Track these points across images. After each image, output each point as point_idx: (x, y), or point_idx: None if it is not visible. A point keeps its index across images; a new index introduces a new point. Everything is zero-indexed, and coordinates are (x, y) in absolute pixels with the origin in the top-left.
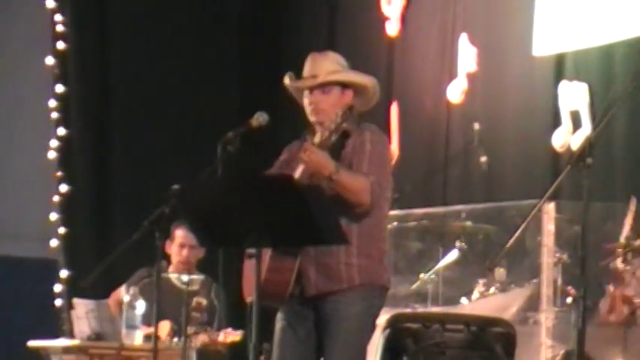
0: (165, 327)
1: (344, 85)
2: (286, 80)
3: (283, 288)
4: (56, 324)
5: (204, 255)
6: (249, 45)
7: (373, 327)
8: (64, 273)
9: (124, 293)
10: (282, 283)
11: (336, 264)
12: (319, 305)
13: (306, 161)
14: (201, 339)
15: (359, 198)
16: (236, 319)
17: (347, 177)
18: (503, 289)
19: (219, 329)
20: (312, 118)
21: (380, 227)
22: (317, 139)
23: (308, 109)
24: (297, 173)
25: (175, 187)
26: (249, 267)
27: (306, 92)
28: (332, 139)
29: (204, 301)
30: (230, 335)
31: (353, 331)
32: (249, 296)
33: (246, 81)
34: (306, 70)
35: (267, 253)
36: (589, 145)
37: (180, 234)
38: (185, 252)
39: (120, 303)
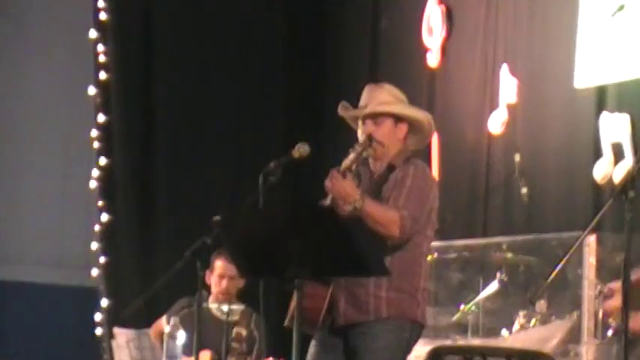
0: (205, 357)
1: (397, 119)
2: (340, 109)
3: (316, 314)
4: (97, 353)
5: (244, 285)
6: (294, 75)
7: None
8: (104, 302)
9: (164, 323)
10: (316, 309)
11: (365, 295)
12: (348, 335)
13: (330, 189)
14: None
15: (387, 230)
16: (277, 350)
17: (373, 207)
18: (544, 320)
19: (258, 359)
20: (364, 154)
21: (416, 263)
22: (343, 164)
23: (360, 139)
24: (327, 200)
25: (217, 217)
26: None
27: (360, 123)
28: (357, 163)
29: (244, 332)
30: None
31: None
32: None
33: (290, 111)
34: (362, 100)
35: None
36: (631, 178)
37: (219, 264)
38: (225, 283)
39: (161, 333)
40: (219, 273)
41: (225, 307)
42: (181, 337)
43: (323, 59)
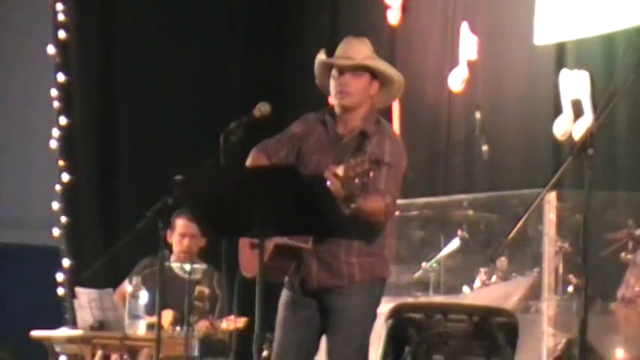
0: (167, 316)
1: (373, 75)
2: (321, 56)
3: (284, 271)
4: (59, 313)
5: (205, 244)
6: (253, 34)
7: (374, 316)
8: (66, 262)
9: (127, 284)
10: (283, 267)
11: (337, 262)
12: (321, 297)
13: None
14: (204, 327)
15: (375, 219)
16: (239, 308)
17: (363, 205)
18: (505, 277)
19: (221, 317)
20: (335, 100)
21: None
22: (340, 171)
23: (334, 90)
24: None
25: (178, 177)
26: (244, 244)
27: (335, 73)
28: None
29: (206, 290)
30: (233, 322)
31: (355, 320)
32: (247, 272)
33: (250, 70)
34: (340, 51)
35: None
36: (591, 136)
37: (180, 223)
38: (186, 241)
39: (124, 294)
40: (181, 232)
41: (187, 266)
42: (144, 296)
43: (284, 18)
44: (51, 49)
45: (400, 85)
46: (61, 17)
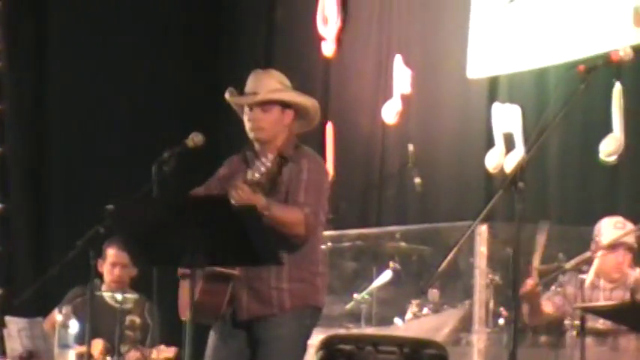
0: (98, 345)
1: (285, 105)
2: (227, 95)
3: (216, 310)
4: None
5: (137, 274)
6: (188, 65)
7: (304, 347)
8: None
9: (57, 313)
10: (216, 305)
11: (267, 289)
12: (251, 327)
13: (237, 199)
14: (134, 357)
15: (293, 231)
16: (170, 338)
17: (279, 212)
18: (437, 309)
19: (152, 347)
20: (250, 135)
21: (314, 251)
22: (249, 175)
23: (247, 125)
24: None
25: (110, 206)
26: (184, 287)
27: (246, 109)
28: (266, 178)
29: (137, 320)
30: (163, 352)
31: (284, 352)
32: (184, 315)
33: (184, 100)
34: (248, 86)
35: (200, 277)
36: (521, 169)
37: (112, 252)
38: (117, 271)
39: (55, 324)
40: (112, 261)
41: (119, 296)
42: (74, 325)
43: (218, 48)
44: None
45: (316, 110)
46: None
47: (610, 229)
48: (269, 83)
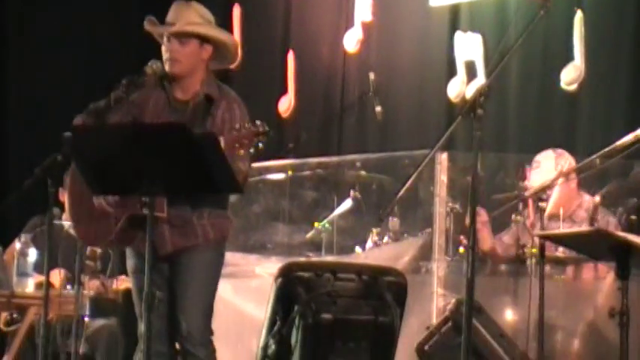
0: (56, 276)
1: (203, 40)
2: (146, 24)
3: (128, 242)
4: None
5: None
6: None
7: (219, 277)
8: None
9: (17, 242)
10: (128, 238)
11: (191, 226)
12: (174, 258)
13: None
14: (95, 286)
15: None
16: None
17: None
18: (397, 238)
19: (112, 277)
20: (166, 68)
21: None
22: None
23: (164, 57)
24: None
25: (68, 134)
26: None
27: (165, 40)
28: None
29: (98, 250)
30: (123, 282)
31: (207, 276)
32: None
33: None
34: (169, 16)
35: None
36: (480, 97)
37: None
38: None
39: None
40: None
41: None
42: (32, 254)
43: None
44: None
45: (235, 47)
46: None
47: (550, 159)
48: (189, 15)
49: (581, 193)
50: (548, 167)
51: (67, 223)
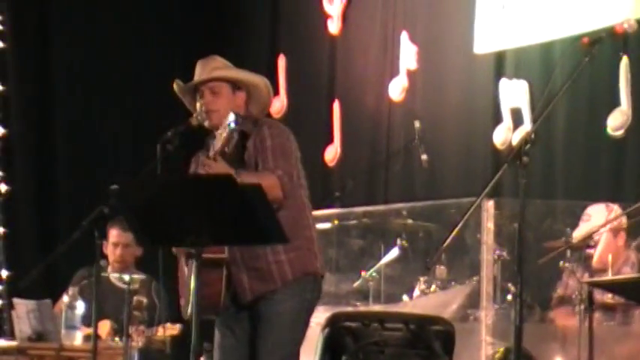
0: (105, 326)
1: (235, 87)
2: (175, 87)
3: (216, 299)
4: None
5: (142, 254)
6: (194, 49)
7: (306, 321)
8: (4, 273)
9: (64, 296)
10: (214, 294)
11: (267, 265)
12: (254, 306)
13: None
14: (141, 337)
15: (271, 195)
16: (177, 317)
17: (251, 179)
18: (444, 286)
19: (158, 325)
20: (206, 124)
21: (302, 215)
22: (211, 151)
23: (202, 115)
24: None
25: (114, 186)
26: (182, 266)
27: (198, 97)
28: (229, 145)
29: (144, 300)
30: (169, 330)
31: (285, 327)
32: (186, 305)
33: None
34: (196, 74)
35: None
36: (525, 143)
37: (113, 233)
38: (118, 251)
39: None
40: (113, 241)
41: (126, 276)
42: (80, 307)
43: (223, 30)
44: None
45: (267, 88)
46: None
47: (602, 213)
48: (214, 64)
49: (629, 251)
50: (599, 221)
51: (113, 275)
